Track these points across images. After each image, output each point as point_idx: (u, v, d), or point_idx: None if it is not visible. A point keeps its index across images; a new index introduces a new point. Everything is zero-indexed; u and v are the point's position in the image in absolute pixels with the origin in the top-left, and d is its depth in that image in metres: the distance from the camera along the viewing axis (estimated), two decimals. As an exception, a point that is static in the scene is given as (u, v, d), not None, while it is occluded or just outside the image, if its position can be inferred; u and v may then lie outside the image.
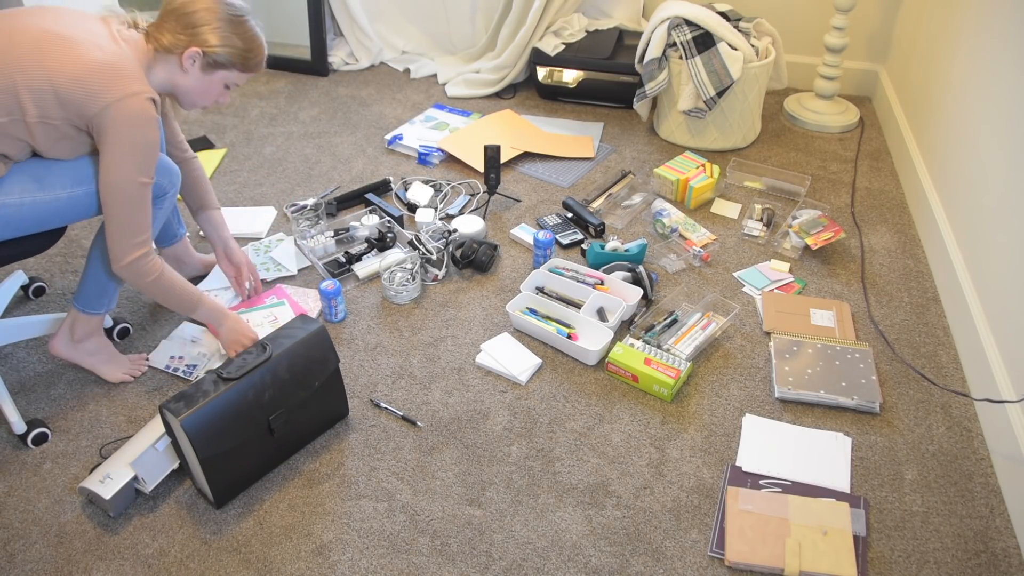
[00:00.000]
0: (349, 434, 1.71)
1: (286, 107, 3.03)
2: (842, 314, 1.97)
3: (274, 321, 1.97)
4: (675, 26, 2.52)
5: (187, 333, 1.95)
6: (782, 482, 1.59)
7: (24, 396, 1.81)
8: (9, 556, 1.48)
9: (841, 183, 2.53)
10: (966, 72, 2.15)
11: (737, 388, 1.80)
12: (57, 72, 1.43)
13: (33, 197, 1.53)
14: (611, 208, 2.41)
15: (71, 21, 1.50)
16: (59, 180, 1.55)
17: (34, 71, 1.42)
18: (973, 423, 1.71)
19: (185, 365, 1.85)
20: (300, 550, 1.49)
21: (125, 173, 1.50)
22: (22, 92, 1.42)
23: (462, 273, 2.17)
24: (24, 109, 1.44)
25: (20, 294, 2.09)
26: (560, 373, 1.85)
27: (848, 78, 3.02)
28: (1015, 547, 1.47)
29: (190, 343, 1.92)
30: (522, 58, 3.02)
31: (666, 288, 2.10)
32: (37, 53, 1.43)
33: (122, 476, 1.52)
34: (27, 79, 1.42)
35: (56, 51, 1.43)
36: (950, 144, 2.18)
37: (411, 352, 1.92)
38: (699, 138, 2.69)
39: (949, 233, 2.08)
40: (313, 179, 2.59)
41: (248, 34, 1.61)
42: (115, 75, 1.46)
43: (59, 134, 1.49)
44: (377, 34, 3.33)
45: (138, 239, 1.57)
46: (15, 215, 1.52)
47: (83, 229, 2.36)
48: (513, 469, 1.63)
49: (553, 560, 1.46)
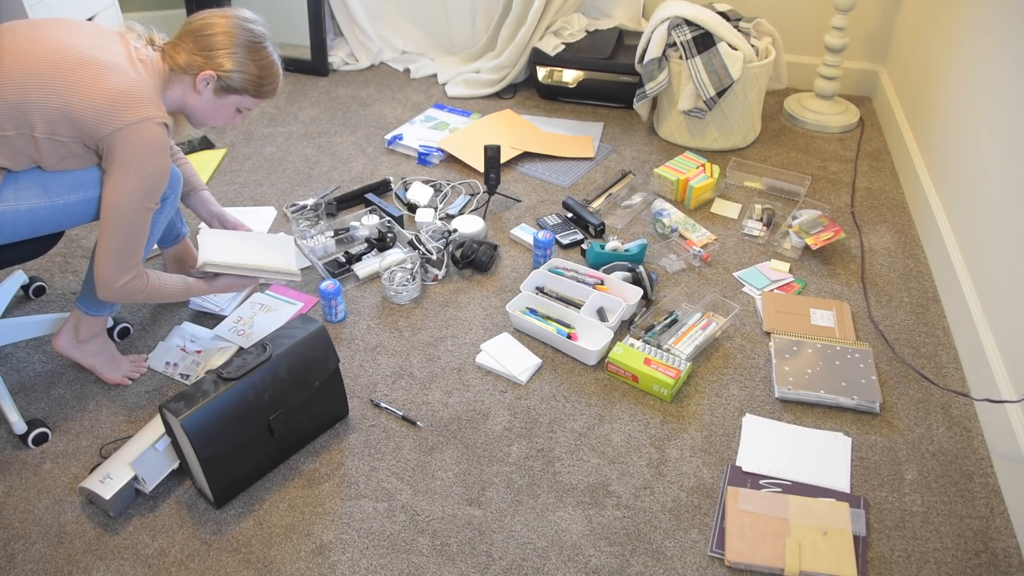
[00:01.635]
0: (349, 434, 1.71)
1: (286, 107, 3.03)
2: (842, 314, 1.97)
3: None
4: (675, 26, 2.52)
5: (186, 332, 1.95)
6: (782, 482, 1.59)
7: (24, 396, 1.81)
8: (9, 556, 1.48)
9: (841, 183, 2.53)
10: (966, 72, 2.15)
11: (737, 388, 1.80)
12: (73, 95, 1.43)
13: (30, 203, 1.52)
14: (611, 208, 2.41)
15: (91, 38, 1.50)
16: (57, 186, 1.54)
17: (50, 90, 1.42)
18: (973, 423, 1.71)
19: (179, 374, 1.85)
20: (300, 550, 1.49)
21: (130, 197, 1.50)
22: (34, 108, 1.42)
23: (462, 273, 2.17)
24: (33, 124, 1.43)
25: (20, 294, 2.09)
26: (560, 373, 1.85)
27: (848, 78, 3.02)
28: (1015, 547, 1.47)
29: (189, 341, 1.92)
30: (522, 58, 3.02)
31: (666, 288, 2.10)
32: (54, 72, 1.43)
33: (122, 476, 1.52)
34: (41, 96, 1.42)
35: (75, 73, 1.43)
36: (950, 144, 2.18)
37: (411, 352, 1.92)
38: (699, 138, 2.69)
39: (949, 233, 2.08)
40: (313, 179, 2.59)
41: (264, 61, 1.62)
42: (130, 100, 1.46)
43: (66, 151, 1.49)
44: (377, 34, 3.33)
45: (130, 262, 1.56)
46: (11, 220, 1.51)
47: (83, 229, 2.36)
48: (513, 469, 1.63)
49: (553, 560, 1.46)
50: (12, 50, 1.44)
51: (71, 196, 1.55)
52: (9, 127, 1.42)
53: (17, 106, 1.42)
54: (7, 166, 1.47)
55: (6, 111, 1.42)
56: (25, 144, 1.45)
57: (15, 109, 1.42)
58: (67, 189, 1.54)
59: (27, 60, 1.43)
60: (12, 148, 1.45)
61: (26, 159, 1.48)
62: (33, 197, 1.52)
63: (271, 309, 2.02)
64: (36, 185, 1.52)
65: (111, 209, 1.50)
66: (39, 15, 2.41)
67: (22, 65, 1.42)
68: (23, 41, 1.45)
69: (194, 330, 1.96)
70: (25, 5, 2.37)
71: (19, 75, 1.42)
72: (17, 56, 1.43)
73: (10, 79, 1.42)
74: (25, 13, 2.37)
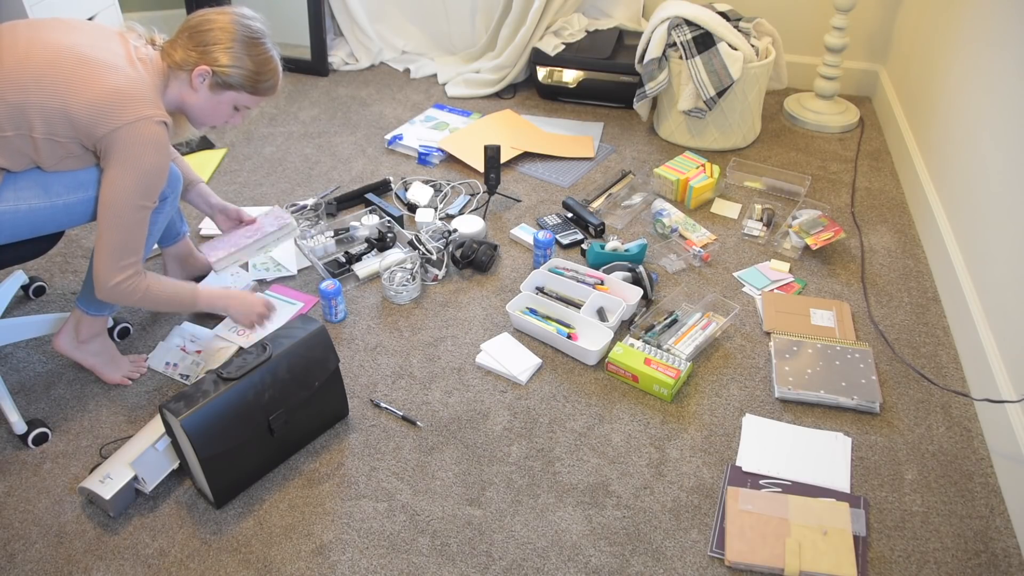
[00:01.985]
0: (349, 434, 1.71)
1: (286, 107, 3.03)
2: (842, 314, 1.97)
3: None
4: (675, 26, 2.52)
5: (186, 332, 1.95)
6: (782, 482, 1.59)
7: (24, 396, 1.81)
8: (9, 556, 1.48)
9: (841, 183, 2.53)
10: (966, 72, 2.15)
11: (737, 388, 1.80)
12: (72, 95, 1.42)
13: (30, 203, 1.52)
14: (611, 208, 2.41)
15: (91, 39, 1.49)
16: (57, 186, 1.54)
17: (49, 90, 1.42)
18: (973, 423, 1.71)
19: (179, 374, 1.85)
20: (300, 550, 1.49)
21: (126, 194, 1.49)
22: (33, 108, 1.42)
23: (462, 273, 2.17)
24: (32, 125, 1.43)
25: (20, 294, 2.09)
26: (560, 373, 1.85)
27: (848, 78, 3.02)
28: (1015, 547, 1.47)
29: (189, 341, 1.92)
30: (522, 58, 3.02)
31: (666, 288, 2.10)
32: (54, 72, 1.42)
33: (122, 476, 1.52)
34: (40, 96, 1.42)
35: (73, 73, 1.43)
36: (950, 144, 2.18)
37: (411, 352, 1.92)
38: (699, 138, 2.69)
39: (949, 233, 2.08)
40: (313, 179, 2.59)
41: (261, 57, 1.60)
42: (128, 100, 1.45)
43: (64, 152, 1.49)
44: (377, 34, 3.33)
45: (126, 261, 1.54)
46: (11, 220, 1.51)
47: (83, 229, 2.36)
48: (513, 469, 1.63)
49: (553, 560, 1.46)
50: (12, 51, 1.44)
51: (71, 196, 1.55)
52: (8, 128, 1.42)
53: (16, 107, 1.41)
54: (7, 167, 1.47)
55: (5, 112, 1.41)
56: (24, 144, 1.45)
57: (14, 110, 1.42)
58: (67, 189, 1.54)
59: (27, 60, 1.42)
60: (11, 149, 1.45)
61: (25, 160, 1.48)
62: (33, 197, 1.52)
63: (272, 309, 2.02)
64: (36, 185, 1.52)
65: (107, 206, 1.50)
66: (39, 15, 2.41)
67: (22, 66, 1.42)
68: (23, 41, 1.45)
69: (194, 330, 1.96)
70: (25, 5, 2.37)
71: (18, 76, 1.42)
72: (17, 57, 1.43)
73: (9, 80, 1.41)
74: (25, 13, 2.37)
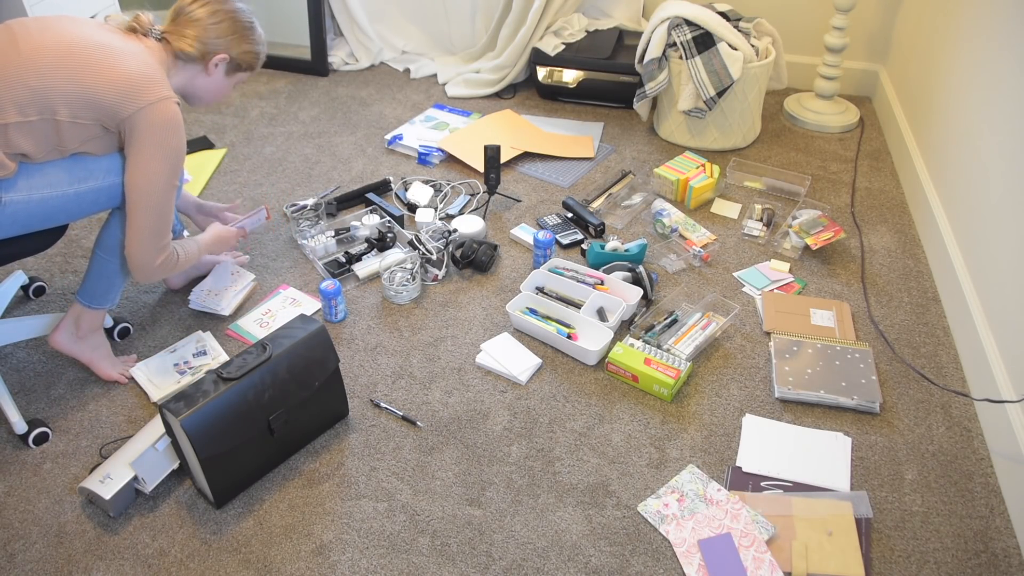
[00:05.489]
0: (349, 434, 1.71)
1: (286, 107, 3.03)
2: (842, 314, 1.97)
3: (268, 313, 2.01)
4: (675, 26, 2.52)
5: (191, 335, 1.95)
6: (783, 483, 1.58)
7: (24, 396, 1.81)
8: (9, 556, 1.48)
9: (841, 183, 2.53)
10: (966, 72, 2.15)
11: (737, 388, 1.80)
12: (94, 76, 1.47)
13: (42, 193, 1.54)
14: (611, 208, 2.41)
15: (99, 29, 1.56)
16: (69, 176, 1.56)
17: (71, 73, 1.47)
18: (973, 423, 1.71)
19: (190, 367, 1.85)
20: (300, 550, 1.49)
21: (157, 177, 1.56)
22: (55, 92, 1.46)
23: (462, 273, 2.17)
24: (55, 109, 1.47)
25: (20, 294, 2.09)
26: (560, 373, 1.85)
27: (848, 78, 3.02)
28: (1015, 547, 1.47)
29: (195, 342, 1.92)
30: (522, 58, 3.02)
31: (666, 288, 2.10)
32: (73, 56, 1.47)
33: (122, 476, 1.52)
34: (62, 80, 1.46)
35: (91, 56, 1.48)
36: (950, 144, 2.18)
37: (411, 352, 1.92)
38: (699, 138, 2.69)
39: (949, 233, 2.08)
40: (313, 179, 2.59)
41: (260, 39, 1.77)
42: (148, 81, 1.52)
43: (88, 134, 1.53)
44: (377, 34, 3.33)
45: (163, 241, 1.63)
46: (24, 210, 1.53)
47: (83, 229, 2.36)
48: (513, 469, 1.63)
49: (553, 560, 1.46)
50: (27, 39, 1.48)
51: (82, 185, 1.58)
52: (32, 112, 1.46)
53: (39, 91, 1.45)
54: (29, 152, 1.50)
55: (29, 96, 1.45)
56: (48, 128, 1.48)
57: (37, 94, 1.45)
58: (78, 179, 1.57)
59: (43, 48, 1.47)
60: (36, 133, 1.48)
61: (48, 145, 1.51)
62: (45, 187, 1.54)
63: (299, 304, 2.04)
64: (48, 175, 1.55)
65: (140, 191, 1.56)
66: (39, 15, 2.41)
67: (39, 52, 1.46)
68: (35, 31, 1.50)
69: (186, 354, 1.89)
70: (25, 5, 2.37)
71: (38, 61, 1.46)
72: (33, 44, 1.47)
73: (30, 65, 1.45)
74: (25, 13, 2.37)
